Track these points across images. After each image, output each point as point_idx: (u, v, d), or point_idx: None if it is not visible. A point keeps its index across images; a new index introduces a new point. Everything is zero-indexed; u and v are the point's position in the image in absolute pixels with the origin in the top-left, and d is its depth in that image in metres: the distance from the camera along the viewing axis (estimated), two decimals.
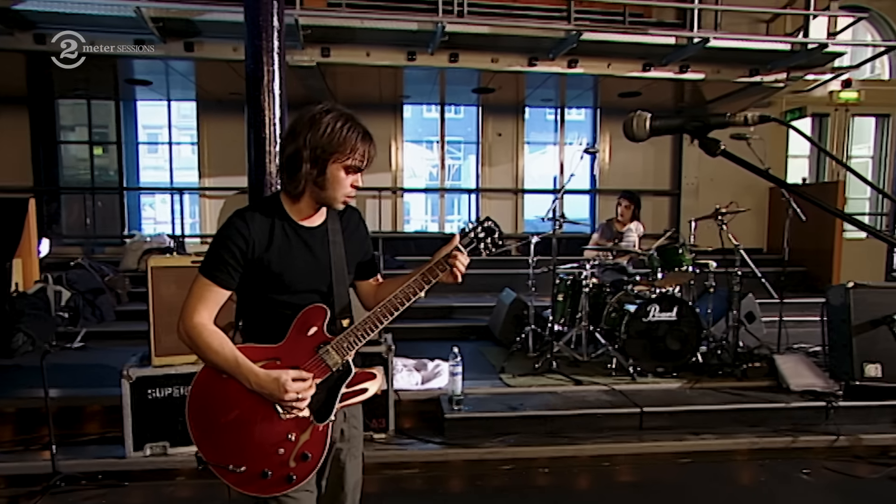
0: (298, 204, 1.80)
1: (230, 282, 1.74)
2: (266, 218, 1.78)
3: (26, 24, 5.88)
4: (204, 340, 1.70)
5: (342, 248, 1.88)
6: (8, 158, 8.37)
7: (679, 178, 9.49)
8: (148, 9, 5.60)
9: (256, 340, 1.79)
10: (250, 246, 1.72)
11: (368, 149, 1.75)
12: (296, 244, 1.80)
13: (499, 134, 9.29)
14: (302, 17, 5.81)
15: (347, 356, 1.79)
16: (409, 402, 4.44)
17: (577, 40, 6.30)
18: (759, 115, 1.12)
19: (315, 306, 1.78)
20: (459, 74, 7.55)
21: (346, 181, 1.74)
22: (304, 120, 1.72)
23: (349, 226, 1.93)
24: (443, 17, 6.05)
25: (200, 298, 1.73)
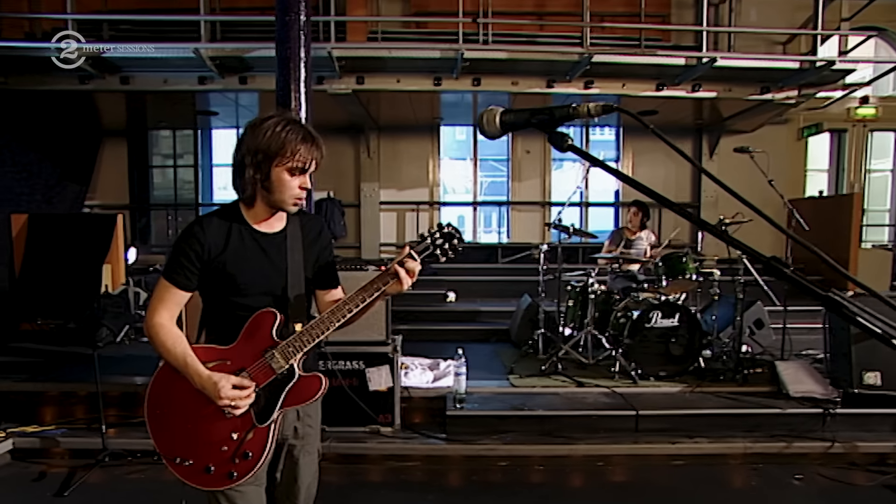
0: (253, 209, 1.71)
1: (188, 283, 1.67)
2: (223, 222, 1.70)
3: (113, 68, 6.15)
4: (160, 339, 1.65)
5: (301, 254, 1.76)
6: (111, 181, 8.79)
7: (699, 192, 8.94)
8: (206, 49, 5.71)
9: (216, 340, 1.71)
10: (205, 249, 1.65)
11: (310, 150, 1.62)
12: (251, 248, 1.70)
13: (527, 151, 9.04)
14: (335, 49, 5.80)
15: (292, 360, 1.65)
16: (420, 398, 4.29)
17: (590, 62, 6.02)
18: (602, 106, 0.95)
19: (266, 310, 1.67)
20: (490, 98, 7.39)
21: (292, 183, 1.62)
22: (247, 128, 1.65)
23: (310, 234, 1.81)
24: (462, 44, 5.90)
25: (160, 299, 1.67)
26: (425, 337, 6.14)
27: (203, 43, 5.74)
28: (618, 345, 4.71)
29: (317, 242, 1.82)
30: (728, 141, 8.54)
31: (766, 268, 0.91)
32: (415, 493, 3.41)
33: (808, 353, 5.22)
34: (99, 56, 5.75)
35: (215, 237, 1.66)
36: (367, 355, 3.91)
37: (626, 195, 9.04)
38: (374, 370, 3.92)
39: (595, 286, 5.01)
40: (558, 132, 0.97)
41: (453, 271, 8.00)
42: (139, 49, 5.81)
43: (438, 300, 7.31)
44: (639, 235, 5.68)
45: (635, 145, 9.10)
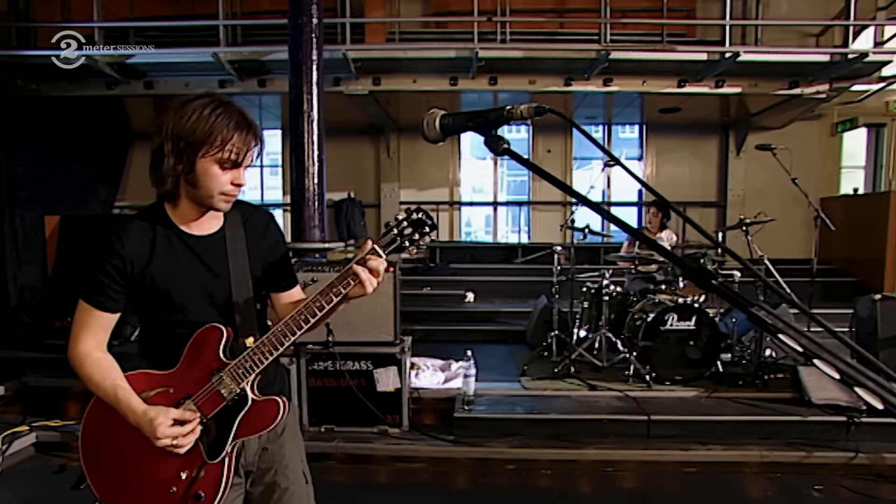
0: (179, 208, 1.44)
1: (112, 304, 1.42)
2: (145, 228, 1.43)
3: (138, 73, 6.32)
4: (86, 372, 1.41)
5: (244, 256, 1.51)
6: (139, 182, 8.92)
7: (725, 190, 8.69)
8: (225, 53, 5.82)
9: (156, 365, 1.47)
10: (127, 263, 1.40)
11: (245, 139, 1.36)
12: (183, 256, 1.45)
13: (548, 150, 8.95)
14: (350, 51, 5.83)
15: (243, 383, 1.42)
16: (430, 399, 4.28)
17: (608, 60, 5.90)
18: (535, 108, 0.94)
19: (209, 326, 1.43)
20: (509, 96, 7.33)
21: (222, 177, 1.37)
22: (170, 108, 1.36)
23: (255, 231, 1.55)
24: (477, 44, 5.86)
25: (82, 325, 1.42)
26: (442, 337, 6.13)
27: (222, 47, 5.85)
28: (633, 347, 4.62)
29: (263, 239, 1.57)
30: (756, 138, 8.26)
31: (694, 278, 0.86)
32: (420, 495, 3.41)
33: None
34: (123, 62, 5.92)
35: (137, 246, 1.41)
36: (375, 356, 3.93)
37: (649, 194, 8.84)
38: (381, 371, 3.94)
39: (611, 287, 4.94)
40: (494, 135, 0.96)
41: (472, 271, 7.98)
42: (160, 54, 5.95)
43: (456, 300, 7.29)
44: (659, 236, 5.54)
45: (658, 143, 8.90)
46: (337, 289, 1.38)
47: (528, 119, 0.94)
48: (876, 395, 0.68)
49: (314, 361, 3.92)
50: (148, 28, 6.81)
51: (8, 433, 3.71)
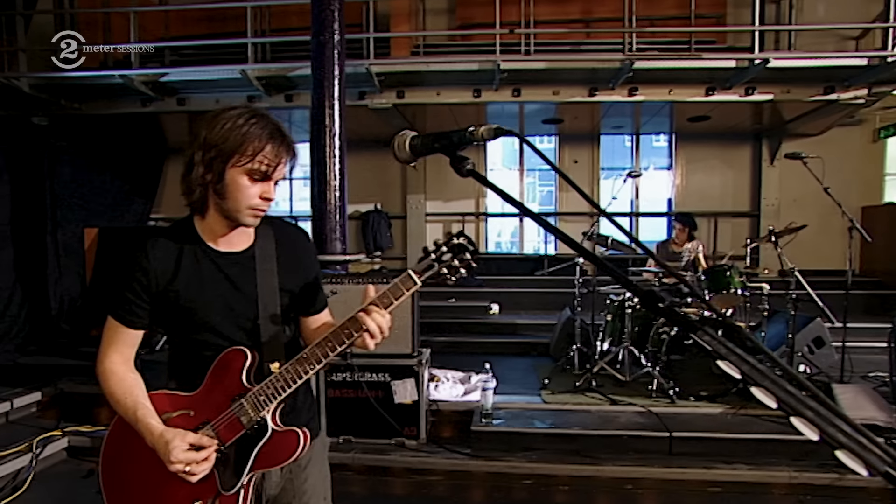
0: (207, 221, 1.40)
1: (137, 321, 1.41)
2: (173, 244, 1.40)
3: (171, 91, 6.59)
4: (109, 388, 1.40)
5: (274, 276, 1.45)
6: (174, 195, 9.21)
7: (758, 200, 8.46)
8: (252, 70, 6.01)
9: (181, 386, 1.45)
10: (151, 278, 1.37)
11: (277, 151, 1.32)
12: (209, 273, 1.40)
13: (574, 161, 8.87)
14: (373, 65, 5.95)
15: (264, 411, 1.36)
16: (449, 412, 4.29)
17: (632, 69, 5.85)
18: (495, 129, 0.97)
19: (233, 349, 1.39)
20: (534, 108, 7.34)
21: (251, 189, 1.32)
22: (206, 118, 1.35)
23: (287, 250, 1.49)
24: (500, 55, 5.90)
25: (109, 341, 1.42)
26: (466, 349, 6.14)
27: (249, 64, 6.05)
28: (656, 362, 4.53)
29: (296, 258, 1.50)
30: (791, 145, 8.03)
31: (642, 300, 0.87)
32: None
33: (875, 375, 4.81)
34: (157, 80, 6.18)
35: (162, 262, 1.38)
36: (393, 368, 3.96)
37: (679, 204, 8.69)
38: (399, 383, 3.97)
39: (634, 300, 4.86)
40: (459, 156, 0.98)
41: (498, 283, 7.96)
42: (191, 72, 6.19)
43: (481, 312, 7.28)
44: (686, 247, 5.45)
45: (689, 152, 8.74)
46: (340, 338, 1.32)
47: (487, 140, 0.97)
48: (814, 425, 0.66)
49: (332, 372, 3.98)
50: (182, 47, 7.10)
51: (42, 437, 3.88)
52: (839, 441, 0.66)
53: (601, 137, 8.86)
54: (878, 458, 0.64)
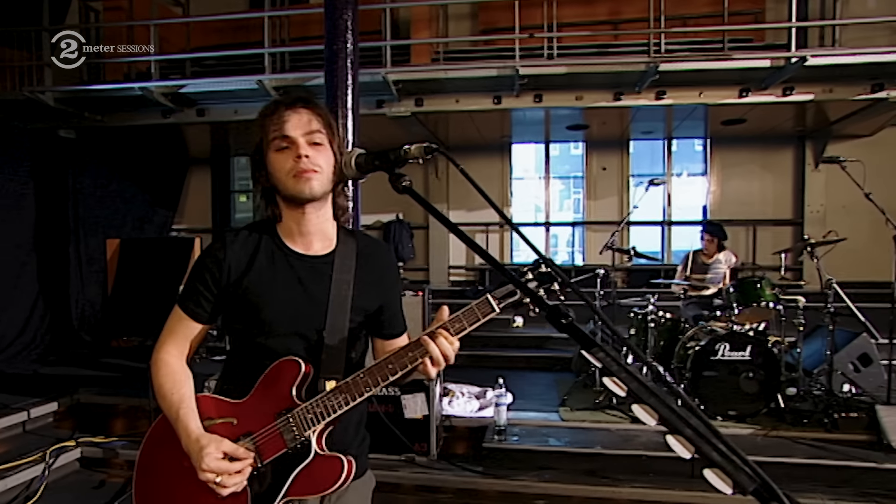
0: (284, 222, 1.42)
1: (200, 313, 1.40)
2: (252, 239, 1.41)
3: (190, 102, 6.83)
4: (159, 379, 1.39)
5: (350, 288, 1.41)
6: (196, 206, 9.64)
7: (801, 207, 8.22)
8: (270, 80, 6.21)
9: (231, 391, 1.40)
10: (224, 270, 1.37)
11: (286, 111, 1.34)
12: (283, 273, 1.39)
13: (603, 168, 8.82)
14: (390, 73, 6.05)
15: (309, 431, 1.30)
16: (463, 428, 4.32)
17: (657, 72, 5.80)
18: (424, 147, 1.05)
19: (287, 359, 1.34)
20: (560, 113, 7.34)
21: (282, 157, 1.34)
22: None
23: (368, 265, 1.45)
24: (518, 61, 5.93)
25: (170, 330, 1.42)
26: (488, 363, 6.14)
27: (267, 74, 6.24)
28: (681, 378, 4.46)
29: (376, 275, 1.47)
30: (837, 148, 7.80)
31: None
32: None
33: None
34: (176, 92, 6.43)
35: (238, 254, 1.38)
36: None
37: (714, 212, 8.52)
38: (409, 397, 4.00)
39: (660, 313, 4.81)
40: (396, 173, 1.04)
41: None
42: (209, 83, 6.43)
43: (503, 324, 7.24)
44: (716, 258, 5.35)
45: (725, 157, 8.57)
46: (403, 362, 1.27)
47: (418, 159, 1.02)
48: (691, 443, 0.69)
49: None
50: (203, 58, 7.38)
51: (55, 447, 4.06)
52: (713, 459, 0.68)
53: (631, 143, 8.80)
54: (747, 478, 0.66)
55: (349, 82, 4.73)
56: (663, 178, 5.43)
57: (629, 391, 0.75)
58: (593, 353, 0.82)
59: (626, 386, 0.76)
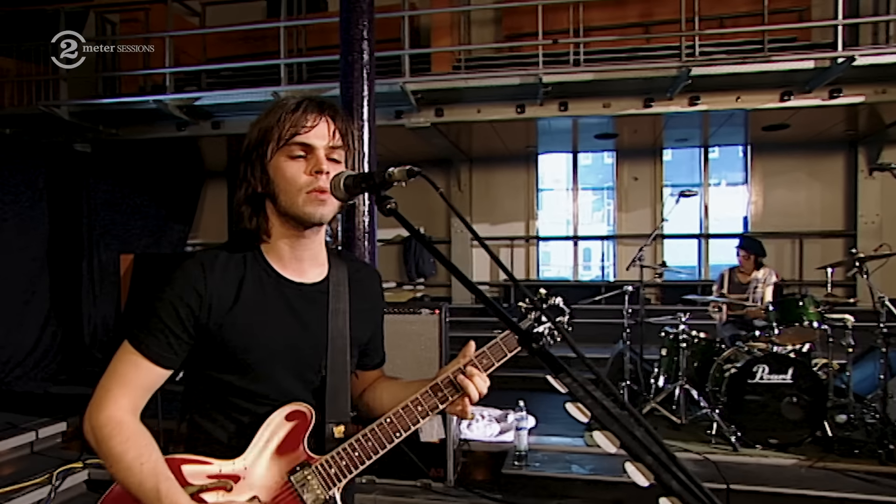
0: (273, 242, 1.25)
1: (169, 356, 1.18)
2: (235, 262, 1.23)
3: (205, 114, 7.06)
4: (115, 448, 1.12)
5: (346, 318, 1.31)
6: (212, 220, 9.78)
7: (854, 217, 8.03)
8: (285, 92, 6.37)
9: (207, 449, 1.22)
10: (206, 304, 1.18)
11: (304, 115, 1.19)
12: (275, 305, 1.24)
13: (634, 178, 8.77)
14: (408, 83, 6.16)
15: (334, 489, 1.20)
16: (482, 453, 4.33)
17: (689, 76, 5.78)
18: (407, 170, 1.07)
19: (295, 406, 1.22)
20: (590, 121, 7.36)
21: (295, 168, 1.19)
22: None
23: (361, 290, 1.37)
24: (542, 68, 5.98)
25: (121, 379, 1.17)
26: (510, 385, 6.10)
27: (282, 86, 6.42)
28: (716, 403, 4.39)
29: (369, 302, 1.40)
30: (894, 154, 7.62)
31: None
32: None
33: None
34: (191, 104, 6.66)
35: (221, 284, 1.20)
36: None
37: (756, 224, 8.38)
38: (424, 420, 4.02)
39: (692, 332, 4.75)
40: (381, 195, 1.09)
41: None
42: (223, 95, 6.64)
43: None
44: (755, 276, 5.26)
45: (767, 165, 8.44)
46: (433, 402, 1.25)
47: (401, 181, 1.07)
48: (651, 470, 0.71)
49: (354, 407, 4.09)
50: (219, 70, 7.63)
51: (63, 469, 4.19)
52: (671, 488, 0.70)
53: (664, 151, 8.75)
54: None
55: (365, 94, 4.84)
56: (694, 190, 5.36)
57: (593, 416, 0.79)
58: (560, 378, 0.86)
59: (589, 412, 0.80)
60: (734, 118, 7.18)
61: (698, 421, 4.50)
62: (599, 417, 0.78)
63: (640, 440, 0.75)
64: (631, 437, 0.74)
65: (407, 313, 4.17)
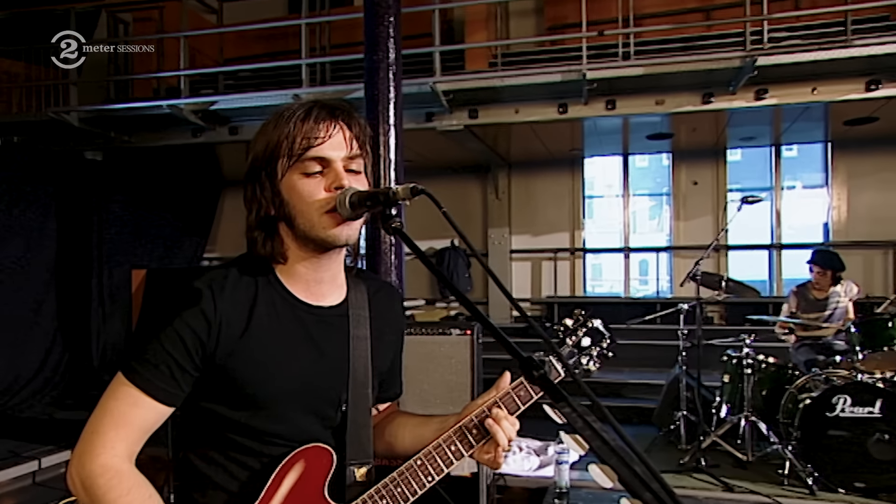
0: (291, 266, 1.23)
1: (173, 391, 1.14)
2: (245, 284, 1.21)
3: (221, 119, 7.28)
4: (110, 499, 1.07)
5: (368, 345, 1.29)
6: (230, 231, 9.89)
7: None
8: (306, 94, 6.52)
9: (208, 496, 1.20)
10: (214, 332, 1.14)
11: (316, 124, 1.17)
12: (291, 331, 1.21)
13: (694, 182, 8.65)
14: (439, 83, 6.22)
15: None
16: (519, 489, 4.31)
17: (755, 67, 5.66)
18: (410, 189, 1.08)
19: (314, 448, 1.19)
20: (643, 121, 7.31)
21: (312, 186, 1.17)
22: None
23: (383, 313, 1.36)
24: (585, 64, 5.97)
25: (117, 418, 1.12)
26: None
27: (304, 88, 6.57)
28: (789, 438, 4.27)
29: (391, 326, 1.39)
30: None
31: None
32: None
33: None
34: (207, 109, 6.87)
35: (231, 309, 1.17)
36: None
37: (838, 232, 8.14)
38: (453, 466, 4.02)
39: (759, 357, 4.65)
40: (386, 213, 1.12)
41: None
42: (241, 99, 6.84)
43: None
44: (832, 291, 5.11)
45: (852, 165, 8.20)
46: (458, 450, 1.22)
47: (405, 200, 1.09)
48: None
49: None
50: (236, 72, 7.86)
51: (66, 502, 4.32)
52: None
53: (728, 152, 8.61)
54: None
55: (391, 96, 4.90)
56: (758, 195, 5.24)
57: (591, 449, 0.80)
58: (559, 408, 0.87)
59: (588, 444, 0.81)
60: (810, 112, 6.98)
61: (768, 458, 4.38)
62: (598, 450, 0.79)
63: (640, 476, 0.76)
64: (630, 471, 0.75)
65: (435, 334, 4.18)
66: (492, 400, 1.24)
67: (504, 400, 1.24)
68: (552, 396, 0.92)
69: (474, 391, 4.10)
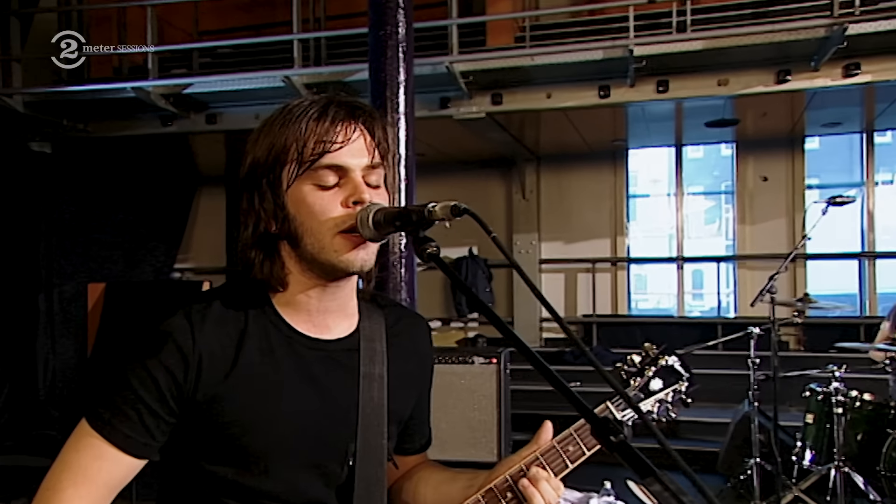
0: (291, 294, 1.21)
1: (144, 441, 1.13)
2: (233, 314, 1.19)
3: (197, 105, 7.26)
4: None
5: (383, 385, 1.28)
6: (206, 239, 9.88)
7: None
8: (300, 76, 6.51)
9: None
10: (192, 373, 1.12)
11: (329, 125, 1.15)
12: (289, 370, 1.20)
13: (763, 178, 8.58)
14: (456, 62, 6.16)
15: None
16: None
17: (844, 37, 5.57)
18: (451, 207, 1.04)
19: None
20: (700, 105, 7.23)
21: (326, 200, 1.14)
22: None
23: (402, 344, 1.35)
24: (633, 38, 5.91)
25: (77, 473, 1.12)
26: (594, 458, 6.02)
27: (296, 68, 6.53)
28: (892, 493, 4.19)
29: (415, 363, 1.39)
30: None
31: None
32: None
33: None
34: (180, 93, 6.85)
35: (214, 343, 1.15)
36: None
37: None
38: None
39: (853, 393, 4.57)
40: (420, 236, 1.08)
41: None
42: (221, 81, 6.80)
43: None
44: None
45: None
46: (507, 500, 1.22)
47: (444, 220, 1.05)
48: None
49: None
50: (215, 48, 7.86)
51: None
52: None
53: (807, 140, 8.57)
54: None
55: (401, 78, 4.86)
56: (850, 195, 5.16)
57: None
58: (647, 484, 0.81)
59: None
60: None
61: None
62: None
63: None
64: None
65: (454, 363, 4.13)
66: (532, 456, 1.22)
67: (547, 456, 1.23)
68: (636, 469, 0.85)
69: (501, 431, 4.05)
